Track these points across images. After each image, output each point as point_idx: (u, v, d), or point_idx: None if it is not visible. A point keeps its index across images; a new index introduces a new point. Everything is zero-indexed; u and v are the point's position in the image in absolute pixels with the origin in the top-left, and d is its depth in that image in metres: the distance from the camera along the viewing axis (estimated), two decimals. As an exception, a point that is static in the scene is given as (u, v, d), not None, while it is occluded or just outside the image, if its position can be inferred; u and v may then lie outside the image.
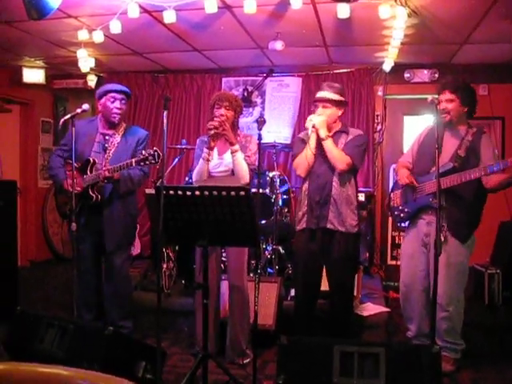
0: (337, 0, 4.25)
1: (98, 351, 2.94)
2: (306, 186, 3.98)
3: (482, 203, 3.83)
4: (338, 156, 3.81)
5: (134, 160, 3.90)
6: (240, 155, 3.89)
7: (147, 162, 3.86)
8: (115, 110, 4.19)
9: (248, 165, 3.92)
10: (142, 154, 3.87)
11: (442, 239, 3.64)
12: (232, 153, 3.90)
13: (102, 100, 4.23)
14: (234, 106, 3.98)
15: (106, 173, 4.00)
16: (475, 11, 4.73)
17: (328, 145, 3.82)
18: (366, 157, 6.78)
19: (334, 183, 3.85)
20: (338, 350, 2.62)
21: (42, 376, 1.28)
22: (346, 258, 3.87)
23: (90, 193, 4.10)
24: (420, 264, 3.91)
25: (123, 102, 4.25)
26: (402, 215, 4.03)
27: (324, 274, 4.02)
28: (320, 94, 3.96)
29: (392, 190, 4.24)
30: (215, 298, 4.08)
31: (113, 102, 4.19)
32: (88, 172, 4.11)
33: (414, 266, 3.94)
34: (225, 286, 4.22)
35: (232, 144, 3.89)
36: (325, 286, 4.02)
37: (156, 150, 3.84)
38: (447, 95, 3.80)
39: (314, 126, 3.83)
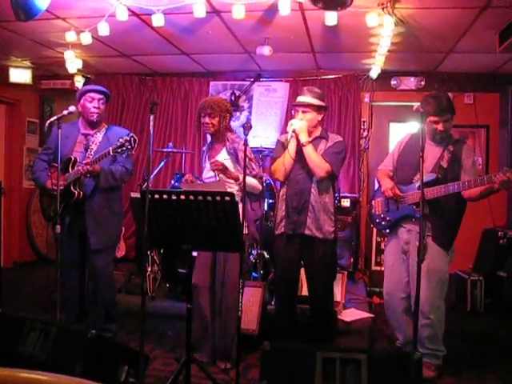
0: (325, 8, 4.27)
1: (80, 354, 2.92)
2: (284, 190, 3.99)
3: (463, 211, 3.86)
4: (318, 162, 3.81)
5: (111, 148, 3.89)
6: (248, 181, 3.82)
7: (124, 148, 3.86)
8: (93, 110, 4.19)
9: (255, 176, 3.93)
10: (118, 141, 3.87)
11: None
12: (239, 185, 3.86)
13: (81, 101, 4.24)
14: (218, 112, 3.95)
15: (87, 166, 3.97)
16: (461, 21, 4.78)
17: (308, 150, 3.81)
18: (352, 162, 6.88)
19: (312, 190, 3.85)
20: (321, 356, 2.62)
21: (22, 382, 1.27)
22: (325, 264, 3.89)
23: (72, 189, 4.08)
24: (401, 272, 3.92)
25: (101, 101, 4.24)
26: (383, 223, 4.02)
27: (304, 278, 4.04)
28: (300, 99, 3.96)
29: (373, 198, 4.20)
30: (210, 299, 4.04)
31: (91, 102, 4.20)
32: (70, 170, 4.09)
33: (396, 275, 3.95)
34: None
35: (237, 179, 3.87)
36: (306, 290, 4.04)
37: (132, 136, 3.86)
38: (448, 116, 3.74)
39: (294, 131, 3.82)
